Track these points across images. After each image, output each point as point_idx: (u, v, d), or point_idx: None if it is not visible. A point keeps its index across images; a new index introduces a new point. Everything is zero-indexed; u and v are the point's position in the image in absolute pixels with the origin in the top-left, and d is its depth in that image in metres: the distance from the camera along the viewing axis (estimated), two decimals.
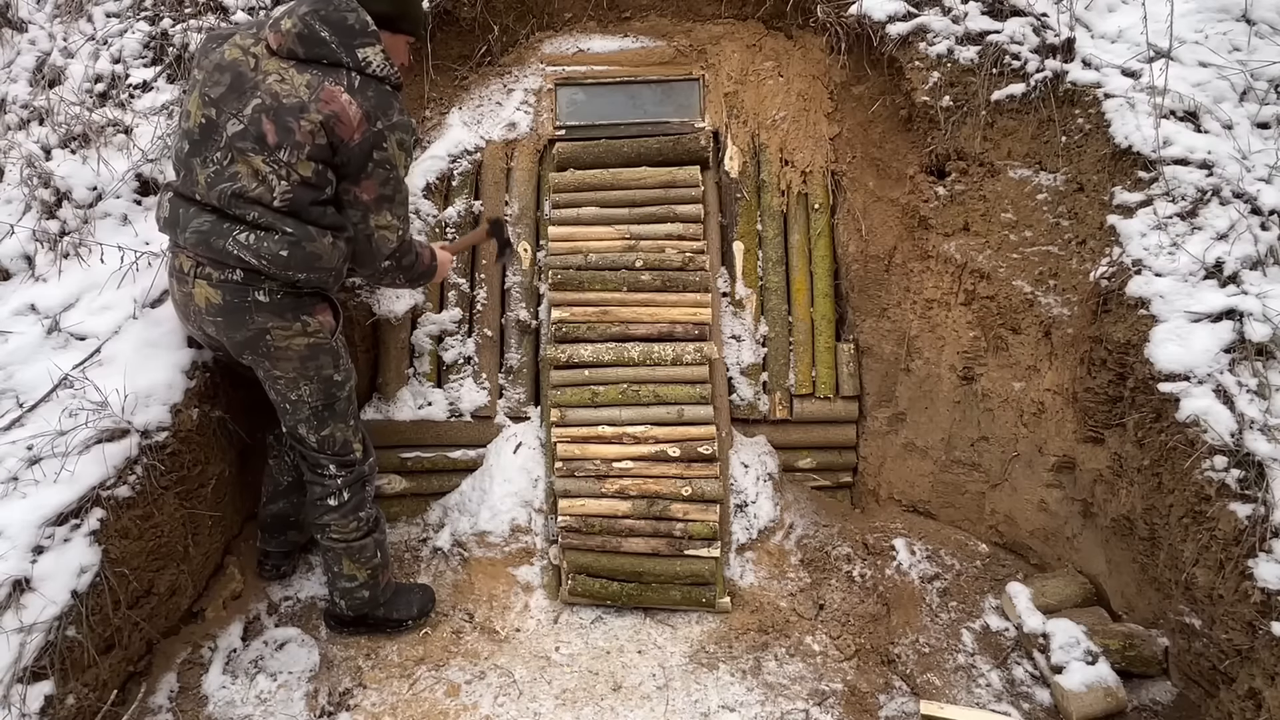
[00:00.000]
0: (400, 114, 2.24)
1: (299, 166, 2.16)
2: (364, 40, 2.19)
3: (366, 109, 2.16)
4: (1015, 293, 2.89)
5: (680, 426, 2.94)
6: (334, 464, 2.49)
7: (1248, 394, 2.18)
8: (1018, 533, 3.02)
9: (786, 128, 3.34)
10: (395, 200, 2.28)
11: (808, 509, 3.20)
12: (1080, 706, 2.33)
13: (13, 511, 2.15)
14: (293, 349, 2.31)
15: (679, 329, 3.05)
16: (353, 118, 2.15)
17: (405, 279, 2.47)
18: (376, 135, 2.18)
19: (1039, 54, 2.84)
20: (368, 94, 2.18)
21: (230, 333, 2.29)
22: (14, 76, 3.20)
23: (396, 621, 2.69)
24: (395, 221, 2.30)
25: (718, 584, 2.80)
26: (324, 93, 2.15)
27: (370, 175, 2.21)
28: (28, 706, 1.99)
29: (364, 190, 2.23)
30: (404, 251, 2.37)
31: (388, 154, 2.21)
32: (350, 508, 2.50)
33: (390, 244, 2.32)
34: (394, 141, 2.22)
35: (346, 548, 2.53)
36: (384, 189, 2.25)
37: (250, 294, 2.24)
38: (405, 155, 2.29)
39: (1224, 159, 2.52)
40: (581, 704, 2.46)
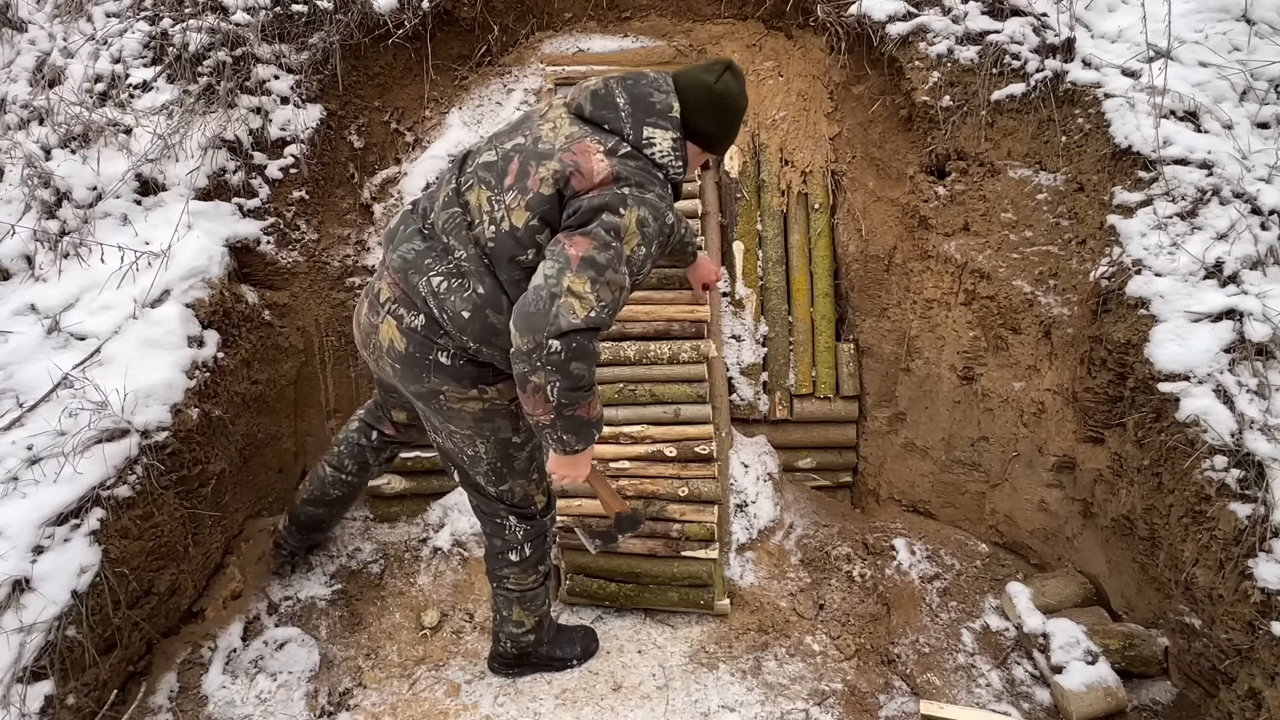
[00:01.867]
0: (659, 200, 1.92)
1: (514, 214, 1.93)
2: (658, 122, 1.96)
3: (618, 170, 1.89)
4: (1015, 293, 2.89)
5: (677, 426, 2.92)
6: (514, 515, 2.32)
7: (1248, 394, 2.18)
8: (1018, 533, 3.02)
9: (786, 128, 3.34)
10: (604, 275, 1.84)
11: (808, 509, 3.20)
12: (1080, 706, 2.33)
13: (13, 511, 2.15)
14: (466, 411, 2.12)
15: (675, 327, 3.01)
16: (596, 172, 1.89)
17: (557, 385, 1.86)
18: (617, 198, 1.87)
19: (1039, 54, 2.84)
20: (630, 163, 1.92)
21: (406, 383, 2.13)
22: (14, 76, 3.20)
23: (561, 660, 2.58)
24: (591, 296, 1.83)
25: (716, 585, 2.78)
26: (578, 145, 1.93)
27: (589, 233, 1.85)
28: (28, 706, 1.99)
29: (574, 245, 1.85)
30: (581, 341, 1.84)
31: (621, 221, 1.86)
32: (532, 562, 2.36)
33: (573, 318, 1.81)
34: (635, 216, 1.88)
35: (520, 596, 2.40)
36: (598, 254, 1.84)
37: (433, 352, 2.03)
38: (642, 241, 1.90)
39: (1224, 159, 2.52)
40: (581, 704, 2.46)
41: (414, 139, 3.51)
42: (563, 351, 1.82)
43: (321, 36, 3.25)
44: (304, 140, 3.19)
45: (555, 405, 1.88)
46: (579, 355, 1.85)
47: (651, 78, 2.02)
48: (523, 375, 1.87)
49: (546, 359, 1.82)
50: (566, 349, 1.82)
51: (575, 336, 1.83)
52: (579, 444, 2.01)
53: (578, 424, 1.95)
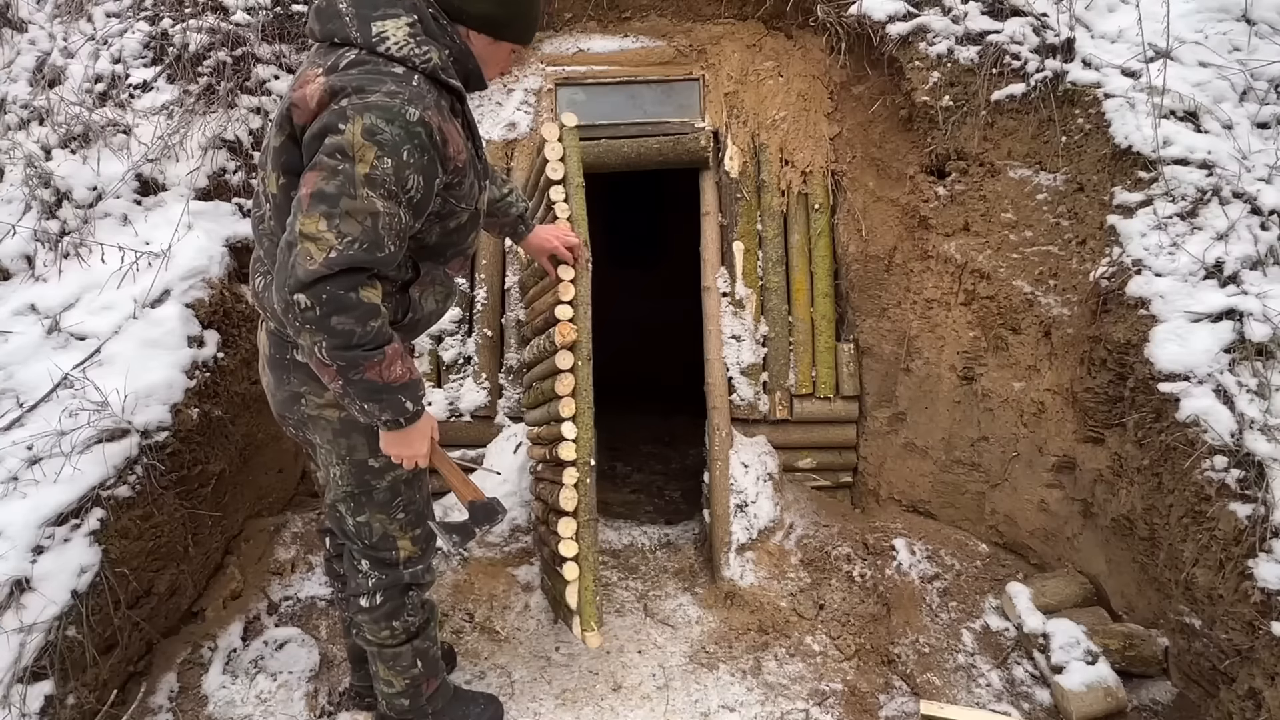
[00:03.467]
0: (390, 98, 1.61)
1: (269, 180, 1.76)
2: (386, 12, 1.69)
3: (332, 85, 1.62)
4: (1015, 293, 2.89)
5: (550, 426, 2.60)
6: (367, 559, 2.06)
7: (1248, 394, 2.18)
8: (1018, 533, 3.02)
9: (786, 128, 3.34)
10: (339, 205, 1.58)
11: (808, 509, 3.20)
12: (1080, 706, 2.33)
13: (13, 511, 2.16)
14: (325, 418, 1.92)
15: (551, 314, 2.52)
16: (310, 98, 1.64)
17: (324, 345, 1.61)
18: (334, 114, 1.60)
19: (1039, 54, 2.84)
20: (351, 71, 1.64)
21: (274, 389, 1.98)
22: (14, 76, 3.20)
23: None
24: (329, 235, 1.57)
25: (580, 611, 2.38)
26: (300, 79, 1.70)
27: (315, 165, 1.60)
28: (28, 706, 1.99)
29: (305, 183, 1.61)
30: (332, 290, 1.58)
31: (344, 139, 1.58)
32: (383, 614, 2.07)
33: (310, 264, 1.56)
34: (359, 126, 1.58)
35: (379, 652, 2.13)
36: (326, 184, 1.58)
37: (289, 351, 1.89)
38: (383, 152, 1.60)
39: (1224, 159, 2.52)
40: (581, 704, 2.46)
41: None
42: (315, 306, 1.57)
43: None
44: None
45: (336, 369, 1.64)
46: (335, 307, 1.58)
47: None
48: (294, 340, 1.69)
49: (301, 317, 1.59)
50: (316, 302, 1.57)
51: (322, 286, 1.57)
52: (384, 413, 1.73)
53: (372, 389, 1.68)
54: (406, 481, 2.02)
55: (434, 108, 1.68)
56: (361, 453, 1.94)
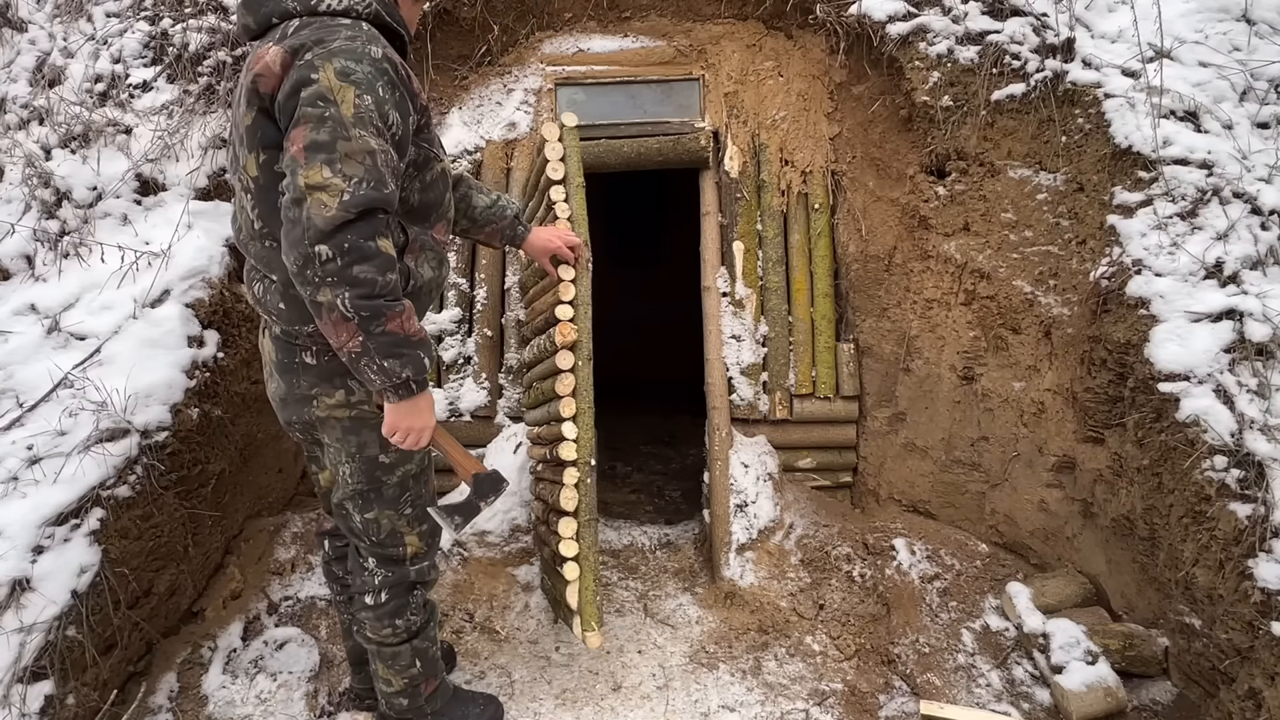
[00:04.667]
0: (350, 42, 1.65)
1: (249, 166, 1.75)
2: None
3: (290, 46, 1.65)
4: (1015, 293, 2.89)
5: (550, 425, 2.61)
6: (374, 557, 2.07)
7: (1248, 394, 2.18)
8: (1018, 533, 3.02)
9: (786, 128, 3.34)
10: (336, 149, 1.59)
11: (808, 509, 3.20)
12: (1080, 706, 2.33)
13: (13, 511, 2.16)
14: (335, 418, 1.93)
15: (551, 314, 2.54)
16: (274, 63, 1.65)
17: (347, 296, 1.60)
18: (302, 68, 1.63)
19: (1039, 54, 2.84)
20: (301, 32, 1.68)
21: (284, 394, 1.98)
22: (14, 76, 3.20)
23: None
24: (336, 180, 1.58)
25: (584, 613, 2.39)
26: (253, 59, 1.70)
27: (298, 120, 1.61)
28: (28, 706, 1.99)
29: (292, 141, 1.61)
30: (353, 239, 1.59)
31: (320, 86, 1.60)
32: (387, 612, 2.08)
33: (327, 212, 1.57)
34: (331, 70, 1.61)
35: (379, 650, 2.13)
36: (316, 133, 1.59)
37: (297, 354, 1.91)
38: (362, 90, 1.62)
39: (1224, 159, 2.52)
40: (581, 704, 2.46)
41: None
42: (336, 255, 1.57)
43: None
44: None
45: (357, 323, 1.61)
46: (357, 255, 1.58)
47: None
48: (311, 301, 1.63)
49: (322, 270, 1.58)
50: (338, 251, 1.57)
51: (344, 234, 1.57)
52: (404, 368, 1.69)
53: (395, 342, 1.66)
54: (415, 477, 2.04)
55: (388, 48, 1.71)
56: (372, 449, 1.95)
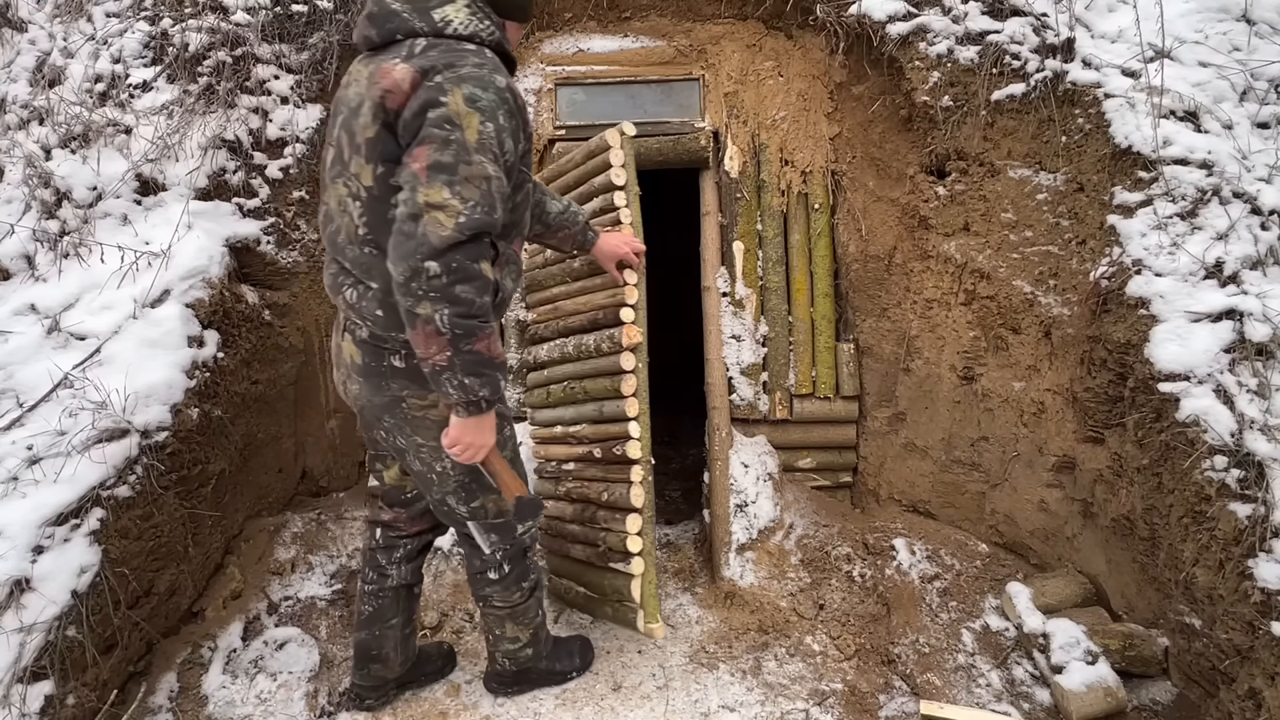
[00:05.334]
0: (479, 68, 1.74)
1: (362, 175, 1.82)
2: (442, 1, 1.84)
3: (420, 66, 1.73)
4: (1015, 293, 2.89)
5: (601, 425, 2.68)
6: (493, 535, 2.20)
7: (1248, 394, 2.18)
8: (1018, 533, 3.02)
9: (786, 128, 3.34)
10: (458, 173, 1.68)
11: (808, 509, 3.20)
12: (1080, 706, 2.33)
13: (13, 511, 2.16)
14: (430, 418, 2.00)
15: (602, 315, 2.69)
16: (401, 81, 1.73)
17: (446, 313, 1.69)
18: (432, 90, 1.71)
19: (1039, 54, 2.84)
20: (430, 54, 1.76)
21: (370, 395, 2.03)
22: (14, 76, 3.20)
23: (561, 673, 2.50)
24: (455, 202, 1.67)
25: (646, 605, 2.48)
26: (378, 73, 1.78)
27: (424, 139, 1.69)
28: (28, 706, 1.99)
29: (415, 159, 1.70)
30: (462, 260, 1.67)
31: (448, 109, 1.69)
32: (512, 579, 2.26)
33: (443, 231, 1.65)
34: (460, 96, 1.70)
35: (510, 612, 2.31)
36: (440, 154, 1.68)
37: (386, 358, 1.96)
38: (485, 118, 1.71)
39: (1224, 159, 2.52)
40: (581, 704, 2.46)
41: None
42: (443, 274, 1.66)
43: (321, 36, 3.25)
44: (304, 140, 3.19)
45: (449, 339, 1.70)
46: (463, 275, 1.67)
47: None
48: (409, 311, 1.70)
49: (427, 285, 1.66)
50: (446, 270, 1.66)
51: (453, 255, 1.66)
52: (483, 388, 1.78)
53: (479, 362, 1.75)
54: (511, 460, 2.14)
55: (507, 76, 1.82)
56: None
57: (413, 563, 2.39)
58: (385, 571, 2.34)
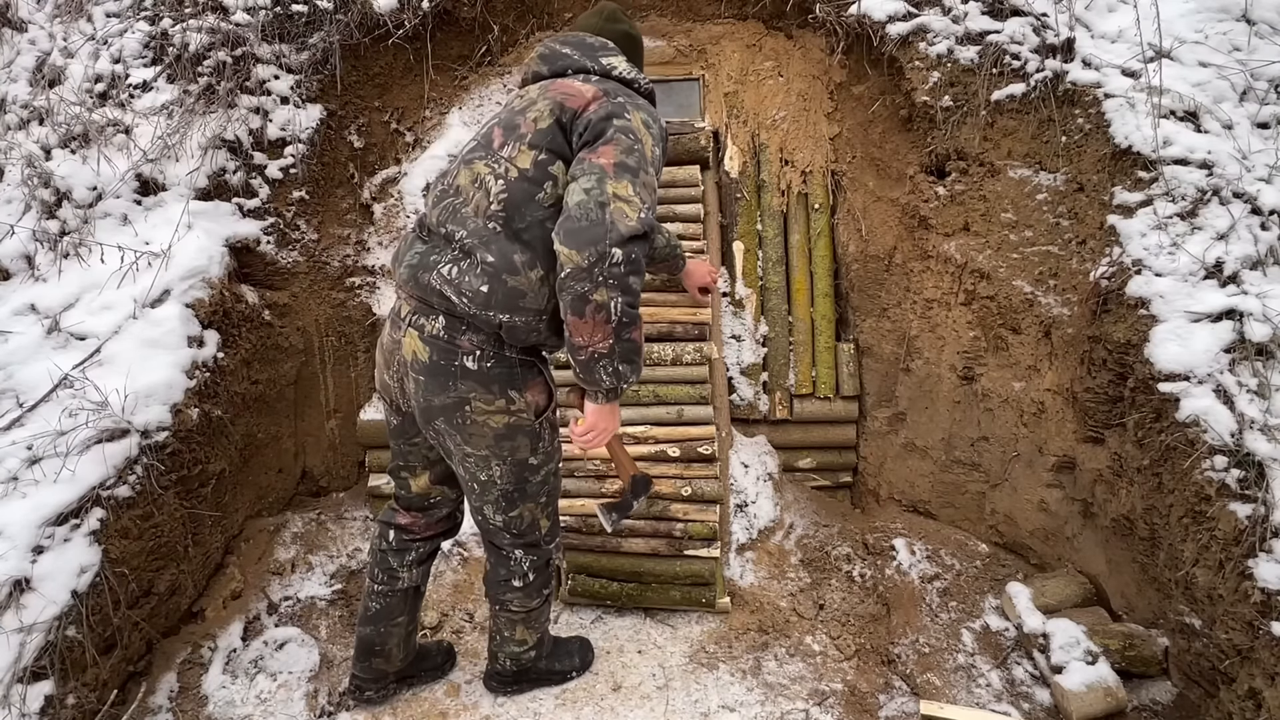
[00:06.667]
0: (648, 107, 1.97)
1: (518, 159, 1.92)
2: (607, 52, 2.09)
3: (603, 87, 1.96)
4: (1015, 293, 2.88)
5: (680, 426, 2.93)
6: (519, 547, 2.24)
7: (1248, 394, 2.18)
8: (1018, 533, 3.02)
9: (786, 128, 3.34)
10: (639, 177, 1.81)
11: (808, 509, 3.20)
12: (1080, 706, 2.33)
13: (13, 511, 2.16)
14: (490, 425, 2.01)
15: (679, 329, 3.03)
16: (584, 91, 1.94)
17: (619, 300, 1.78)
18: (617, 105, 1.90)
19: (1039, 54, 2.84)
20: (607, 85, 1.98)
21: (430, 395, 2.00)
22: (14, 76, 3.20)
23: (560, 673, 2.54)
24: (637, 199, 1.78)
25: (717, 584, 2.79)
26: (555, 86, 1.99)
27: (611, 140, 1.84)
28: (28, 706, 1.99)
29: (601, 155, 1.82)
30: (638, 251, 1.78)
31: (630, 124, 1.87)
32: (536, 587, 2.30)
33: (629, 222, 1.75)
34: (639, 117, 1.90)
35: (525, 617, 2.35)
36: (627, 158, 1.82)
37: (457, 358, 1.96)
38: (655, 142, 1.91)
39: (1224, 159, 2.52)
40: (581, 704, 2.46)
41: (414, 139, 3.51)
42: (623, 263, 1.75)
43: (321, 36, 3.25)
44: (304, 140, 3.19)
45: (615, 326, 1.79)
46: (636, 268, 1.79)
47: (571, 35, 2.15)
48: (582, 294, 1.77)
49: (609, 271, 1.74)
50: (627, 259, 1.76)
51: (634, 245, 1.77)
52: (633, 374, 1.91)
53: (634, 350, 1.87)
54: (554, 473, 2.21)
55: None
56: (524, 452, 2.08)
57: (423, 565, 2.40)
58: (396, 574, 2.34)
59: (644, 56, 2.31)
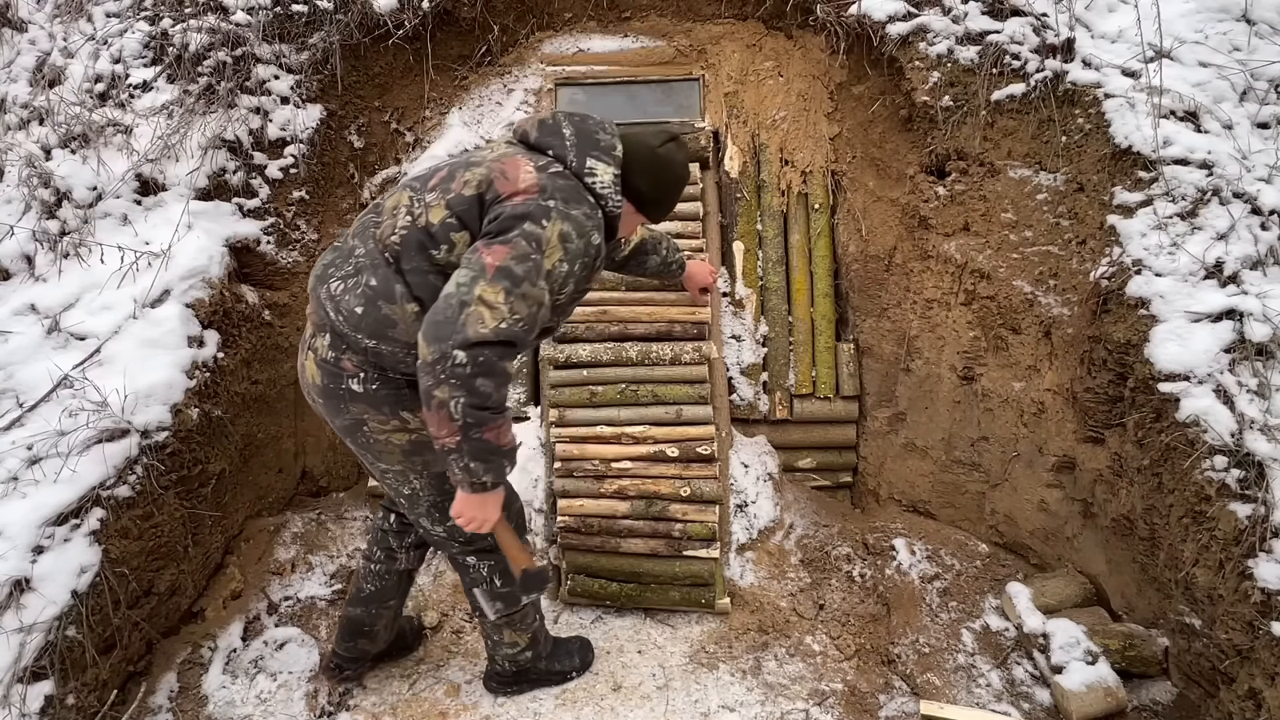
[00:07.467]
0: (585, 219, 1.87)
1: (433, 211, 1.89)
2: (601, 156, 1.95)
3: (544, 183, 1.86)
4: (1015, 293, 2.89)
5: (679, 426, 2.91)
6: (472, 554, 2.22)
7: (1248, 394, 2.18)
8: (1018, 533, 3.02)
9: (786, 128, 3.34)
10: (520, 287, 1.76)
11: (808, 509, 3.20)
12: (1080, 706, 2.33)
13: (13, 511, 2.16)
14: (393, 442, 2.02)
15: (678, 328, 3.01)
16: (521, 179, 1.85)
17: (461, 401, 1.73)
18: (541, 209, 1.82)
19: (1039, 54, 2.84)
20: (559, 180, 1.89)
21: (330, 417, 2.05)
22: (14, 76, 3.20)
23: (560, 674, 2.53)
24: (504, 307, 1.74)
25: (717, 585, 2.78)
26: (508, 159, 1.91)
27: (508, 242, 1.78)
28: (28, 706, 1.99)
29: (491, 253, 1.77)
30: (490, 356, 1.72)
31: (544, 233, 1.80)
32: (503, 592, 2.27)
33: (482, 328, 1.71)
34: (558, 229, 1.82)
35: (507, 620, 2.33)
36: (516, 264, 1.76)
37: (344, 380, 1.97)
38: (565, 257, 1.83)
39: (1224, 159, 2.52)
40: (581, 704, 2.46)
41: (414, 139, 3.51)
42: (468, 365, 1.71)
43: (321, 36, 3.25)
44: (304, 140, 3.20)
45: (460, 425, 1.74)
46: (486, 371, 1.73)
47: (599, 119, 2.03)
48: (427, 389, 1.75)
49: (451, 371, 1.71)
50: (473, 362, 1.71)
51: (483, 350, 1.72)
52: (486, 474, 1.85)
53: (485, 450, 1.81)
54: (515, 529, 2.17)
55: (603, 241, 1.98)
56: (437, 465, 2.06)
57: (420, 550, 2.44)
58: (395, 555, 2.38)
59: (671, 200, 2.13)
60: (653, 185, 2.06)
